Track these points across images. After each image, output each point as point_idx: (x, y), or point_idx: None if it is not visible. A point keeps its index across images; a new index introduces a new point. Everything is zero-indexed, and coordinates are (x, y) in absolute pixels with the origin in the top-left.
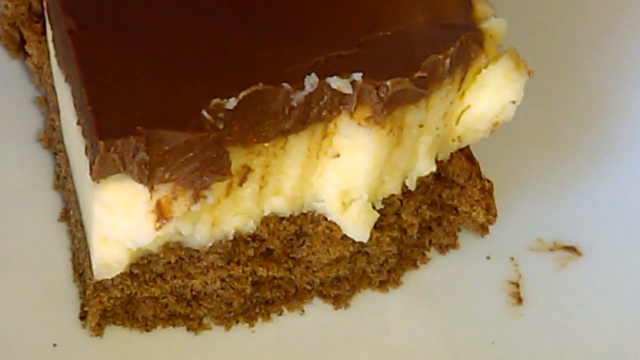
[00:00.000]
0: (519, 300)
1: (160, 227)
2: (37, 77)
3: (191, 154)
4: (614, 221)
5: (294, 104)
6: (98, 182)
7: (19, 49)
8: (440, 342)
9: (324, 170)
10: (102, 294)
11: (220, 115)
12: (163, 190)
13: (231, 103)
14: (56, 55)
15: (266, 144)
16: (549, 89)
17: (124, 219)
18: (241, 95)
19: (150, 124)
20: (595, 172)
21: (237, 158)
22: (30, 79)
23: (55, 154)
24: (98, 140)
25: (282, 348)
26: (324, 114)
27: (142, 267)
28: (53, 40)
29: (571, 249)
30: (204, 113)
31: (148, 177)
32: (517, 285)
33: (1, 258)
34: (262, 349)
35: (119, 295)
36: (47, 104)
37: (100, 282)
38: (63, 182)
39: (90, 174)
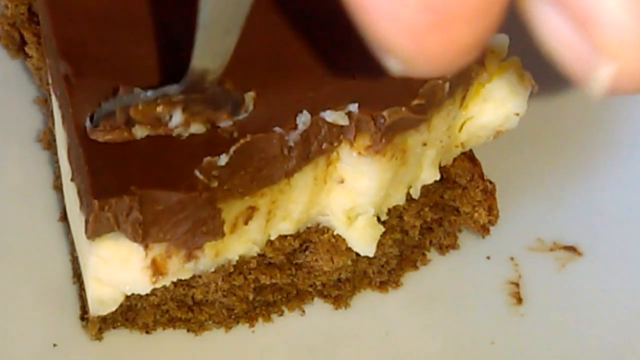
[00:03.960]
0: (519, 300)
1: (156, 281)
2: (37, 78)
3: (183, 215)
4: (614, 221)
5: (291, 144)
6: (93, 240)
7: (19, 49)
8: (440, 342)
9: (330, 190)
10: None
11: (214, 173)
12: (158, 249)
13: (222, 159)
14: (51, 83)
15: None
16: (550, 90)
17: (120, 271)
18: (231, 150)
19: (144, 184)
20: (595, 173)
21: (241, 203)
22: (30, 79)
23: (55, 154)
24: (92, 200)
25: (282, 348)
26: (324, 146)
27: None
28: (50, 67)
29: (571, 249)
30: (197, 173)
31: (142, 236)
32: (517, 285)
33: (1, 258)
34: (263, 349)
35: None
36: (47, 104)
37: None
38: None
39: (85, 232)
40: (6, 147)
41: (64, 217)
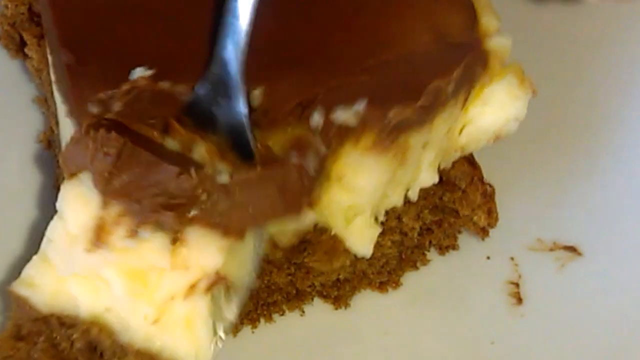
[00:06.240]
0: (519, 300)
1: (90, 249)
2: (37, 78)
3: (153, 187)
4: (614, 221)
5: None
6: (69, 178)
7: (19, 49)
8: (440, 342)
9: (330, 188)
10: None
11: (208, 186)
12: (113, 210)
13: (223, 177)
14: (56, 81)
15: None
16: (550, 90)
17: (67, 235)
18: (235, 177)
19: (135, 143)
20: (595, 173)
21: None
22: (30, 78)
23: (56, 155)
24: (81, 121)
25: (282, 348)
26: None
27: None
28: (53, 65)
29: (571, 249)
30: (192, 170)
31: (106, 180)
32: (517, 285)
33: (1, 259)
34: (262, 349)
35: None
36: (48, 105)
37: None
38: None
39: (60, 154)
40: (6, 147)
41: None
